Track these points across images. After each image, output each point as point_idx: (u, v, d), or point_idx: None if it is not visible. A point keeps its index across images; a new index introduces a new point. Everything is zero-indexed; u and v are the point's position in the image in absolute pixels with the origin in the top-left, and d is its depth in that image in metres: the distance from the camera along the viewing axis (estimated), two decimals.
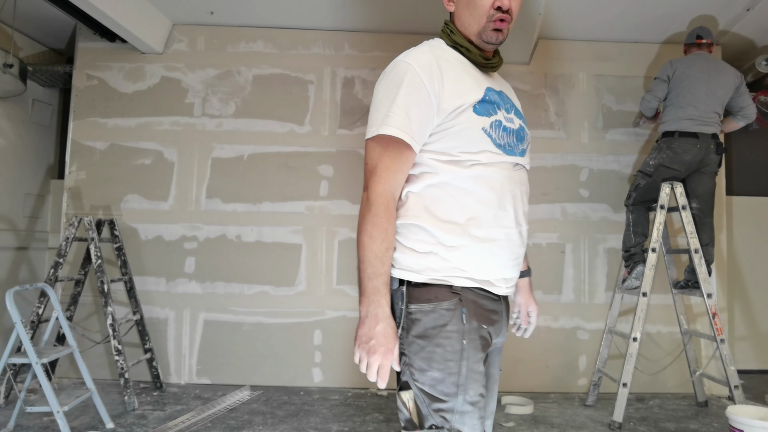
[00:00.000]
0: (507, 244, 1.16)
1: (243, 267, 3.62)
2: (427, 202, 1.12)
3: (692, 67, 3.10)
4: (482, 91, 1.16)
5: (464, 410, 1.05)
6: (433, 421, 1.05)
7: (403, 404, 1.09)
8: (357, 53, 3.77)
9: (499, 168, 1.16)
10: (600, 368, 3.31)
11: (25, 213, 3.99)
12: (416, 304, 1.09)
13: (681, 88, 3.09)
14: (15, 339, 2.51)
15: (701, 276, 2.96)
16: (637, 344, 2.89)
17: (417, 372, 1.07)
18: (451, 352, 1.06)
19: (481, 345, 1.10)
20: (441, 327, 1.07)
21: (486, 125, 1.13)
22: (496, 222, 1.15)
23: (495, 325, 1.17)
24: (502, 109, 1.18)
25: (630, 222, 3.23)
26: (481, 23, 1.16)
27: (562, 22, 3.56)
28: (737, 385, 2.86)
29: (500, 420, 2.95)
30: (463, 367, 1.07)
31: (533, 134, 3.71)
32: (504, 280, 1.18)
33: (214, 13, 3.61)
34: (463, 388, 1.06)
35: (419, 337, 1.08)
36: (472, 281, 1.12)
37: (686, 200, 3.05)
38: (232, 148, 3.69)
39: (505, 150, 1.16)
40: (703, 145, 3.02)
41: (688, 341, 3.32)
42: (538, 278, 3.63)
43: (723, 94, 3.10)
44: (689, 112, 3.04)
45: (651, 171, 3.13)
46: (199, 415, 2.89)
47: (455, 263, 1.11)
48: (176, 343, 3.58)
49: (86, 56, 3.76)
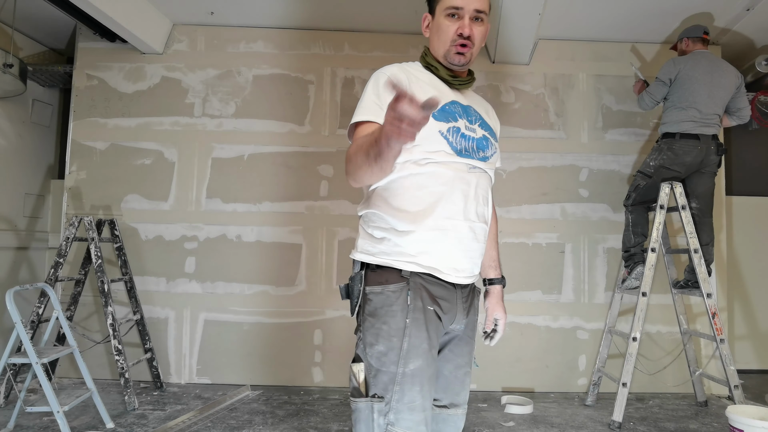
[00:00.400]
0: (455, 235, 1.27)
1: (243, 267, 3.62)
2: (386, 195, 1.28)
3: (696, 69, 3.06)
4: (445, 101, 1.33)
5: (403, 382, 1.18)
6: (376, 390, 1.18)
7: (354, 375, 1.23)
8: (357, 53, 3.77)
9: (452, 167, 1.28)
10: (600, 368, 3.32)
11: (25, 213, 4.00)
12: (369, 287, 1.26)
13: (683, 90, 3.06)
14: (15, 339, 2.51)
15: (701, 276, 2.96)
16: (636, 344, 2.89)
17: (367, 346, 1.23)
18: (395, 329, 1.21)
19: (426, 325, 1.22)
20: (388, 307, 1.22)
21: (443, 129, 1.28)
22: (444, 214, 1.26)
23: (447, 310, 1.28)
24: (463, 119, 1.33)
25: (629, 222, 3.23)
26: (446, 47, 1.36)
27: (562, 22, 3.56)
28: (737, 385, 2.86)
29: (500, 420, 2.95)
30: (405, 343, 1.20)
31: (533, 134, 3.72)
32: (454, 269, 1.29)
33: (214, 13, 3.61)
34: (404, 361, 1.19)
35: (370, 315, 1.24)
36: (419, 266, 1.25)
37: (686, 200, 3.05)
38: (232, 148, 3.70)
39: (460, 153, 1.29)
40: (704, 147, 3.02)
41: (687, 341, 3.32)
42: (538, 278, 3.63)
43: (724, 95, 3.10)
44: (691, 114, 3.03)
45: (651, 172, 3.12)
46: (199, 414, 2.89)
47: (405, 248, 1.25)
48: (176, 342, 3.59)
49: (86, 56, 3.76)
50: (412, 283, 1.24)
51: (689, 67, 3.07)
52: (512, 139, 3.71)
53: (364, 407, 1.19)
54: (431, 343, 1.23)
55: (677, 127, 3.07)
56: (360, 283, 1.27)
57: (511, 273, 3.58)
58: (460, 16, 1.34)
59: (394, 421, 1.16)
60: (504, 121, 3.71)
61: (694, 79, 3.04)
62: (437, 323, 1.26)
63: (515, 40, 3.44)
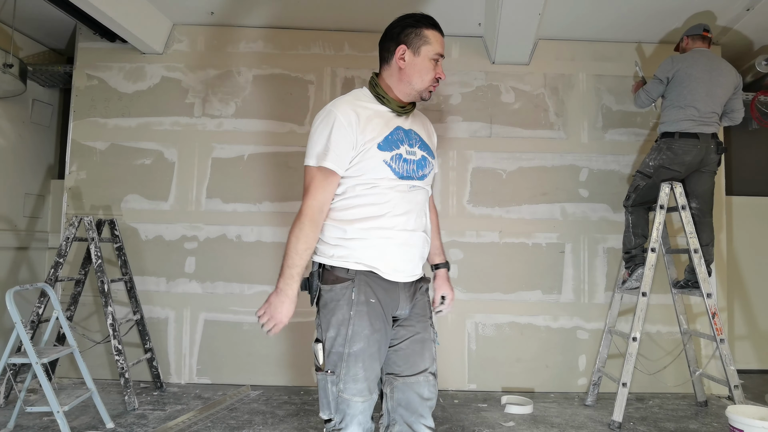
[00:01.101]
0: (396, 242, 1.55)
1: (243, 267, 3.62)
2: (340, 210, 1.56)
3: (694, 67, 3.03)
4: (389, 130, 1.57)
5: (348, 360, 1.49)
6: (329, 366, 1.51)
7: (315, 353, 1.55)
8: (357, 53, 3.77)
9: (395, 189, 1.55)
10: (600, 368, 3.32)
11: (25, 213, 4.00)
12: (323, 284, 1.57)
13: (682, 88, 3.03)
14: (15, 339, 2.51)
15: (701, 276, 2.96)
16: (636, 344, 2.89)
17: (323, 331, 1.55)
18: (341, 319, 1.51)
19: (368, 315, 1.51)
20: (336, 301, 1.53)
21: (387, 158, 1.54)
22: (388, 225, 1.54)
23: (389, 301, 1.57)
24: (405, 144, 1.59)
25: (629, 223, 3.22)
26: (425, 86, 1.61)
27: (562, 22, 3.56)
28: (737, 385, 2.86)
29: (500, 420, 2.95)
30: (350, 330, 1.50)
31: (533, 134, 3.72)
32: (394, 270, 1.56)
33: (214, 13, 3.61)
34: (349, 344, 1.49)
35: (323, 307, 1.57)
36: (363, 266, 1.53)
37: (686, 200, 3.04)
38: (232, 148, 3.70)
39: (401, 176, 1.55)
40: (704, 146, 3.00)
41: (687, 341, 3.32)
42: (538, 278, 3.63)
43: (723, 93, 3.08)
44: (690, 113, 3.00)
45: (650, 172, 3.10)
46: (199, 414, 2.89)
47: (353, 253, 1.53)
48: (176, 342, 3.59)
49: (86, 56, 3.76)
50: (358, 280, 1.52)
51: (687, 65, 3.04)
52: (512, 139, 3.71)
53: (322, 378, 1.52)
54: (373, 328, 1.52)
55: (676, 126, 3.04)
56: (317, 280, 1.59)
57: (511, 273, 3.58)
58: (438, 62, 1.62)
59: (342, 390, 1.49)
60: (504, 121, 3.72)
61: (693, 78, 3.01)
62: (379, 312, 1.54)
63: (515, 40, 3.44)
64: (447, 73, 3.77)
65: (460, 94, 3.75)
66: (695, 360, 3.34)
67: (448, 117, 3.73)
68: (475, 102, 3.74)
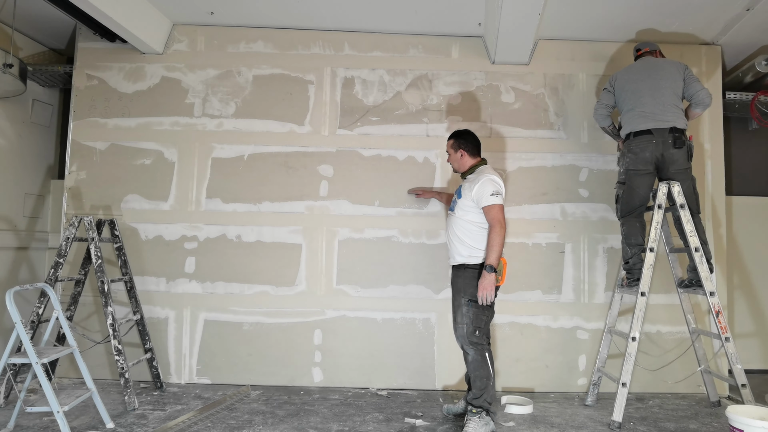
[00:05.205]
0: None
1: (243, 267, 3.62)
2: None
3: (630, 72, 3.22)
4: None
5: None
6: None
7: None
8: (357, 53, 3.77)
9: None
10: (600, 368, 3.31)
11: (25, 213, 4.00)
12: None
13: (626, 93, 3.18)
14: (15, 339, 2.51)
15: (703, 274, 2.94)
16: (636, 344, 2.89)
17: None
18: None
19: None
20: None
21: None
22: None
23: None
24: (455, 195, 2.94)
25: (623, 234, 3.22)
26: None
27: (562, 22, 3.56)
28: (744, 384, 2.85)
29: (500, 420, 2.95)
30: None
31: (533, 134, 3.73)
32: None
33: (214, 13, 3.61)
34: None
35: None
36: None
37: (683, 199, 3.01)
38: (232, 148, 3.70)
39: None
40: (659, 140, 3.02)
41: (696, 340, 3.29)
42: (538, 278, 3.63)
43: (669, 85, 3.10)
44: (638, 112, 3.09)
45: (623, 178, 3.16)
46: (199, 414, 2.89)
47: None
48: (176, 343, 3.59)
49: (86, 56, 3.77)
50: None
51: (624, 72, 3.26)
52: (512, 139, 3.71)
53: None
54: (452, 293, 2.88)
55: (629, 127, 3.14)
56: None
57: (511, 273, 3.58)
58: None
59: None
60: (504, 121, 3.73)
61: (632, 82, 3.17)
62: None
63: (515, 40, 3.44)
64: (447, 73, 3.77)
65: (460, 94, 3.75)
66: (704, 359, 3.30)
67: (448, 117, 3.73)
68: (475, 102, 3.74)
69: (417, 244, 3.63)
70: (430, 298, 3.60)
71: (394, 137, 3.70)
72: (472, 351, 2.72)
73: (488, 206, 2.70)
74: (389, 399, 3.32)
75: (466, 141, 2.92)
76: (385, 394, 3.41)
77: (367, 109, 3.72)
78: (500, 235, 2.66)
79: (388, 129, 3.71)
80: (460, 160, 2.93)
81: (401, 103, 3.74)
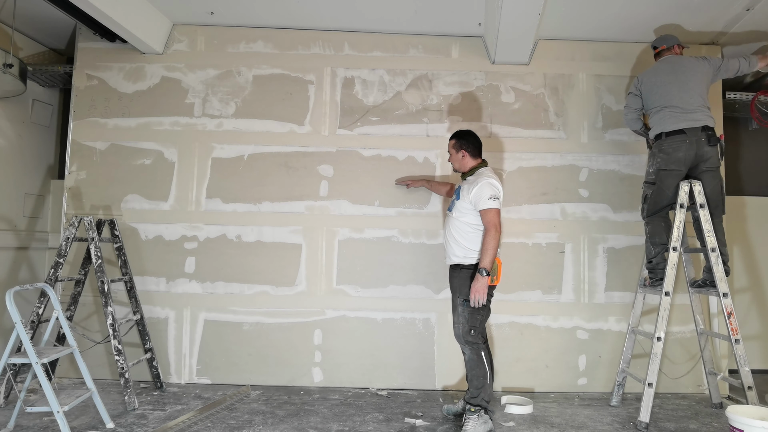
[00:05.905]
0: None
1: (243, 267, 3.62)
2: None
3: (657, 74, 3.19)
4: None
5: None
6: None
7: None
8: (357, 53, 3.77)
9: None
10: (624, 368, 3.28)
11: (25, 213, 4.00)
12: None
13: (654, 95, 3.16)
14: (15, 339, 2.51)
15: (717, 275, 2.92)
16: (661, 344, 2.86)
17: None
18: None
19: None
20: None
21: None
22: None
23: None
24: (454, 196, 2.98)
25: (647, 233, 3.20)
26: None
27: (562, 22, 3.56)
28: (750, 386, 2.84)
29: (500, 420, 2.95)
30: None
31: (533, 134, 3.73)
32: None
33: (214, 13, 3.61)
34: None
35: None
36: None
37: (704, 198, 2.98)
38: (232, 148, 3.70)
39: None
40: (693, 139, 3.00)
41: (705, 342, 3.28)
42: (538, 278, 3.63)
43: (698, 80, 3.10)
44: (668, 112, 3.08)
45: (653, 178, 3.12)
46: (199, 414, 2.89)
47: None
48: (176, 343, 3.59)
49: (86, 56, 3.77)
50: None
51: (650, 75, 3.23)
52: (512, 139, 3.71)
53: None
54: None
55: (660, 127, 3.11)
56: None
57: (511, 273, 3.58)
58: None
59: None
60: (504, 121, 3.73)
61: (659, 83, 3.14)
62: None
63: (515, 40, 3.44)
64: (447, 73, 3.77)
65: (460, 94, 3.75)
66: (711, 361, 3.29)
67: (448, 117, 3.73)
68: (475, 102, 3.74)
69: (417, 244, 3.63)
70: (430, 298, 3.60)
71: (394, 137, 3.70)
72: (468, 350, 2.76)
73: (485, 210, 2.73)
74: (389, 399, 3.32)
75: (468, 142, 2.94)
76: (385, 394, 3.41)
77: (367, 109, 3.72)
78: (495, 238, 2.68)
79: (388, 129, 3.71)
80: (461, 160, 2.96)
81: (401, 103, 3.74)
